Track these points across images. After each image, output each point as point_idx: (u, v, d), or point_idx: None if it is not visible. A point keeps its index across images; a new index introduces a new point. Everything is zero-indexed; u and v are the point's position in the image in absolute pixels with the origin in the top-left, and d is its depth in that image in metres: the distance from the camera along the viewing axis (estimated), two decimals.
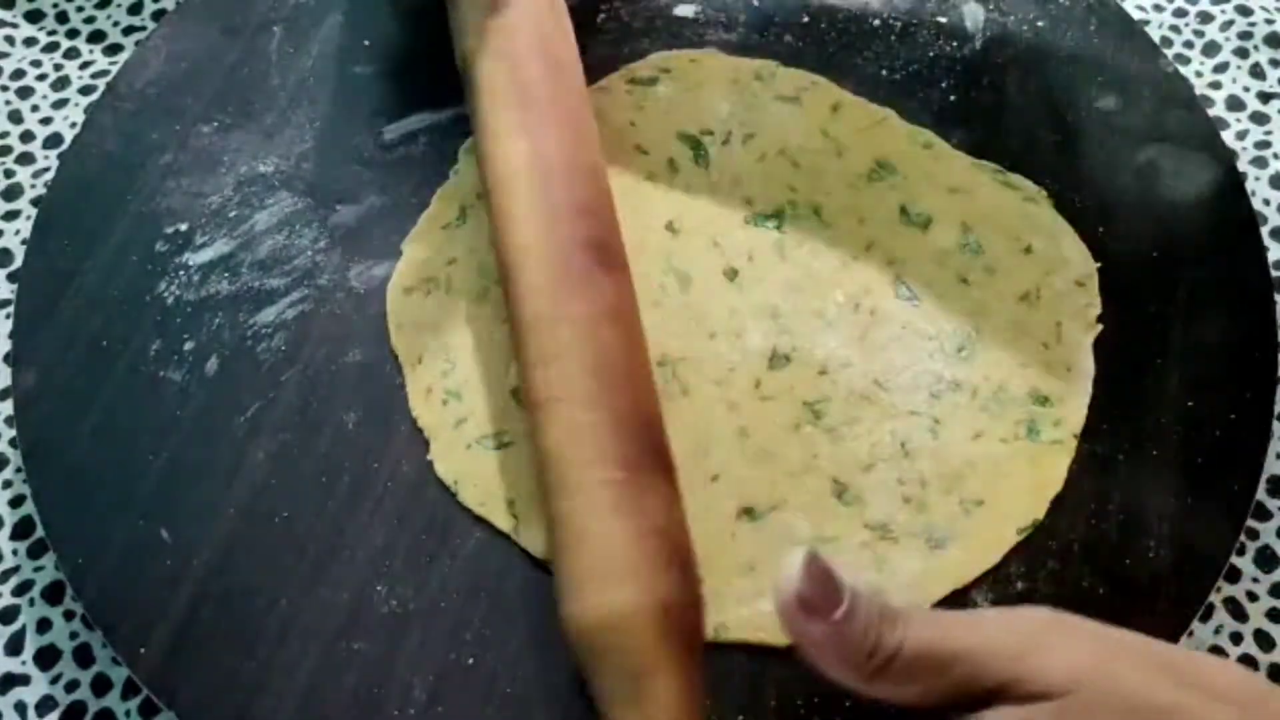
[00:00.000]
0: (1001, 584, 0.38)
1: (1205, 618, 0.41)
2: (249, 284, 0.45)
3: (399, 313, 0.44)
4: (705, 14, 0.51)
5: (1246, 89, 0.53)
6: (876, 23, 0.51)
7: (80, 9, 0.55)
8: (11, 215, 0.50)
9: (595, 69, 0.50)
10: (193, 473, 0.41)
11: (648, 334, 0.42)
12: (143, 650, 0.38)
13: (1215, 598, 0.41)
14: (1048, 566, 0.39)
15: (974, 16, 0.51)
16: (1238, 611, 0.41)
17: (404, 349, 0.43)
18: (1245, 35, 0.54)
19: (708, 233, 0.45)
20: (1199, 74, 0.53)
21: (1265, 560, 0.42)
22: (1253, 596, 0.41)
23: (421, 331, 0.43)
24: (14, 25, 0.55)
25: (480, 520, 0.40)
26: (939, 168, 0.46)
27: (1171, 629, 0.38)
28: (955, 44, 0.50)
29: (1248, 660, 0.40)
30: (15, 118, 0.52)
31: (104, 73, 0.53)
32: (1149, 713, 0.27)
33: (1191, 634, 0.39)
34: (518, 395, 0.41)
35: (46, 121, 0.52)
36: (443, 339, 0.43)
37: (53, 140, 0.52)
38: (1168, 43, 0.54)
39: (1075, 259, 0.44)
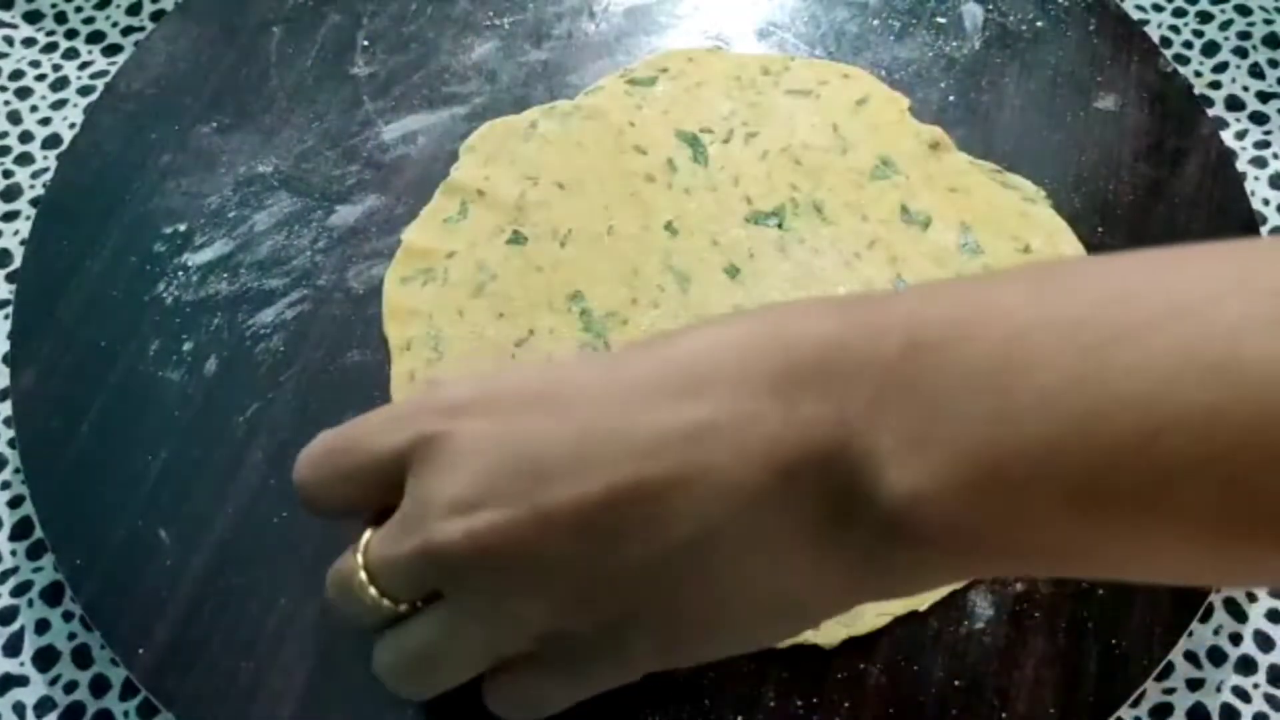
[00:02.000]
0: (1000, 584, 0.38)
1: (1205, 618, 0.41)
2: (248, 284, 0.45)
3: (394, 301, 0.44)
4: (705, 14, 0.51)
5: (1246, 89, 0.53)
6: (876, 23, 0.51)
7: (79, 9, 0.55)
8: (10, 216, 0.50)
9: (592, 70, 0.50)
10: (192, 473, 0.41)
11: (646, 336, 0.42)
12: (141, 651, 0.38)
13: (1215, 598, 0.41)
14: None
15: (973, 16, 0.51)
16: (1237, 612, 0.41)
17: (394, 335, 0.43)
18: (1244, 35, 0.54)
19: (708, 231, 0.45)
20: (1198, 74, 0.53)
21: None
22: (1252, 597, 0.41)
23: (414, 320, 0.43)
24: (13, 26, 0.55)
25: None
26: (940, 167, 0.46)
27: (1171, 629, 0.38)
28: (955, 44, 0.50)
29: (1247, 661, 0.40)
30: (14, 118, 0.52)
31: (103, 73, 0.53)
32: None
33: (1191, 634, 0.39)
34: None
35: (45, 122, 0.52)
36: (434, 329, 0.43)
37: (51, 141, 0.52)
38: (1167, 42, 0.54)
39: (1073, 259, 0.44)
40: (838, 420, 0.25)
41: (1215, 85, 0.53)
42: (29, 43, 0.54)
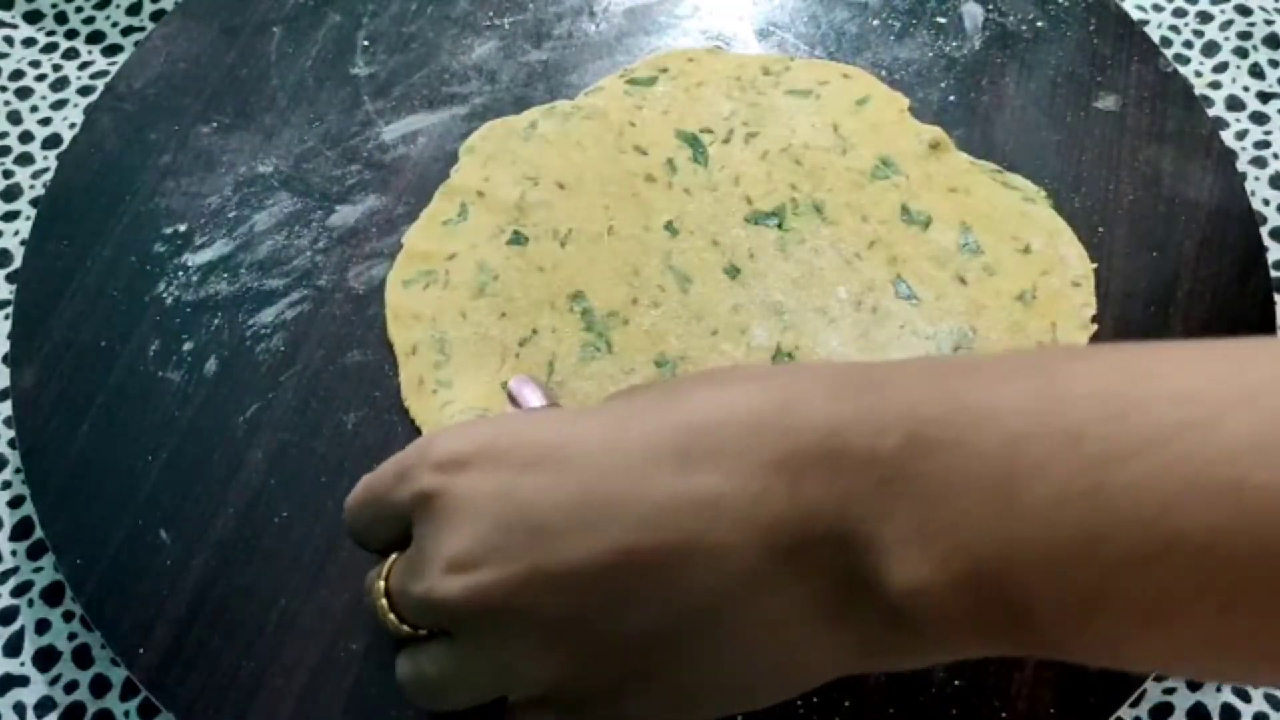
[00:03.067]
0: None
1: None
2: (248, 285, 0.45)
3: (397, 305, 0.44)
4: (705, 14, 0.51)
5: (1246, 89, 0.53)
6: (876, 23, 0.51)
7: (79, 9, 0.55)
8: (11, 216, 0.50)
9: (592, 70, 0.50)
10: (192, 473, 0.41)
11: (647, 336, 0.42)
12: (141, 651, 0.38)
13: None
14: None
15: (973, 16, 0.51)
16: None
17: (399, 340, 0.43)
18: (1244, 35, 0.54)
19: (708, 231, 0.45)
20: (1198, 74, 0.53)
21: None
22: None
23: (418, 323, 0.43)
24: (13, 26, 0.55)
25: None
26: (940, 167, 0.46)
27: None
28: (955, 44, 0.50)
29: None
30: (14, 118, 0.52)
31: (103, 73, 0.53)
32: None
33: None
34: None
35: (45, 122, 0.52)
36: (438, 332, 0.43)
37: (52, 141, 0.52)
38: (1167, 42, 0.54)
39: (1073, 259, 0.44)
40: (841, 505, 0.25)
41: (1215, 85, 0.53)
42: (29, 43, 0.55)
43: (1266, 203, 0.50)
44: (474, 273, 0.44)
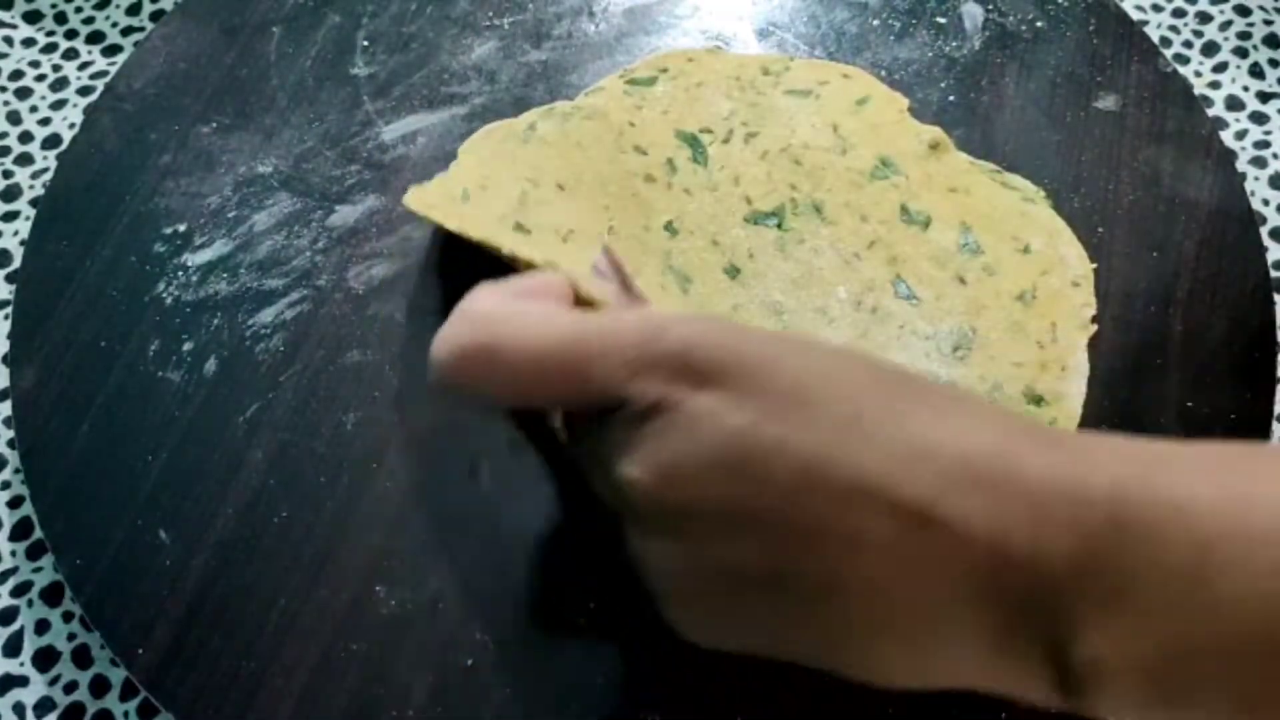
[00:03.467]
0: None
1: None
2: (248, 285, 0.45)
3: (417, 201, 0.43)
4: (705, 14, 0.51)
5: (1245, 89, 0.53)
6: (876, 23, 0.51)
7: (79, 10, 0.55)
8: (10, 216, 0.50)
9: (592, 70, 0.50)
10: (191, 473, 0.41)
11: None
12: (141, 651, 0.38)
13: None
14: None
15: (973, 16, 0.51)
16: None
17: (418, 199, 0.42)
18: (1244, 35, 0.54)
19: (707, 231, 0.45)
20: (1198, 74, 0.53)
21: None
22: None
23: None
24: (12, 26, 0.55)
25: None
26: (939, 167, 0.46)
27: None
28: (955, 44, 0.50)
29: None
30: (14, 118, 0.52)
31: (103, 73, 0.53)
32: None
33: None
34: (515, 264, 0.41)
35: (45, 122, 0.52)
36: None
37: (51, 141, 0.52)
38: (1166, 42, 0.54)
39: (1072, 259, 0.44)
40: (1040, 557, 0.27)
41: (1215, 85, 0.53)
42: (29, 43, 0.55)
43: (1266, 203, 0.50)
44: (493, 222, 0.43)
